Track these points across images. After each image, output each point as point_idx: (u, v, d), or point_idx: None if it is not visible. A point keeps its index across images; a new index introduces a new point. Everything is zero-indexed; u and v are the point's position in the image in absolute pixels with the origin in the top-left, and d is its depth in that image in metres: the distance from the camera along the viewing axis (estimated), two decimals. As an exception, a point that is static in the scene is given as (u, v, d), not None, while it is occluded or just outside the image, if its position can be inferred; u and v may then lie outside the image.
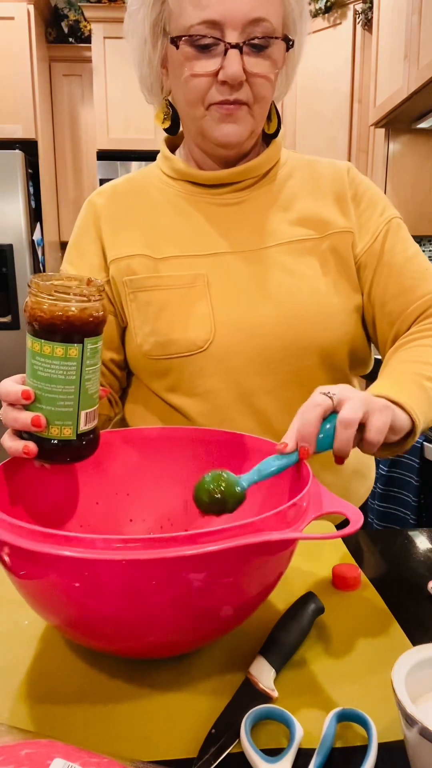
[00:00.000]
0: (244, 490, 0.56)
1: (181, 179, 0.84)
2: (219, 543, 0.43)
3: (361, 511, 0.52)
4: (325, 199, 0.84)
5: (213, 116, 0.75)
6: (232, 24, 0.69)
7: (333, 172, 0.86)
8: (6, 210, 2.92)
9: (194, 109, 0.76)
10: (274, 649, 0.52)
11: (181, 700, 0.49)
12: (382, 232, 0.84)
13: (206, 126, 0.76)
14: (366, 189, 0.86)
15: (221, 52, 0.71)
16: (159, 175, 0.87)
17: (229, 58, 0.70)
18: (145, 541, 0.42)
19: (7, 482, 0.58)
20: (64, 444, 0.56)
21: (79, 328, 0.53)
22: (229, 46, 0.70)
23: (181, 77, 0.74)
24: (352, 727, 0.46)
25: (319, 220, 0.83)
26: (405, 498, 1.67)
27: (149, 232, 0.82)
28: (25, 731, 0.44)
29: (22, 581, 0.47)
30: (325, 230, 0.82)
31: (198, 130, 0.78)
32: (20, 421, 0.55)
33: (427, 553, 0.73)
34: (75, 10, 3.28)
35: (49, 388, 0.54)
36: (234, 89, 0.72)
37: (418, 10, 1.93)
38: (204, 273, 0.79)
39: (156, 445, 0.71)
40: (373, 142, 2.64)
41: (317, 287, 0.80)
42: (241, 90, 0.72)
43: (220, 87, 0.72)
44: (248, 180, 0.82)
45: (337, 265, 0.82)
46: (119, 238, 0.83)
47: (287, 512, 0.48)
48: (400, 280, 0.83)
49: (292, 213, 0.83)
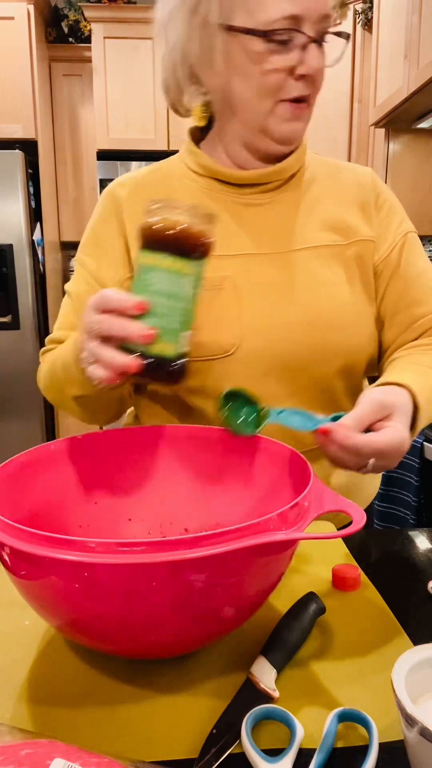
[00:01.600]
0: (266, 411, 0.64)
1: (207, 176, 0.83)
2: (222, 545, 0.43)
3: (364, 510, 0.51)
4: (349, 205, 0.85)
5: (281, 113, 0.75)
6: (310, 18, 0.70)
7: (356, 178, 0.87)
8: (6, 210, 2.92)
9: (263, 103, 0.74)
10: (275, 649, 0.52)
11: (182, 701, 0.49)
12: (399, 243, 0.86)
13: (271, 122, 0.75)
14: (386, 198, 0.88)
15: (298, 46, 0.71)
16: (183, 169, 0.85)
17: (311, 53, 0.71)
18: (149, 545, 0.42)
19: (7, 482, 0.58)
20: (162, 362, 0.57)
21: (197, 247, 0.56)
22: (311, 40, 0.70)
23: (256, 72, 0.72)
24: (353, 727, 0.46)
25: (344, 226, 0.83)
26: (405, 498, 1.67)
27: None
28: (25, 731, 0.44)
29: (22, 582, 0.47)
30: (350, 237, 0.83)
31: (260, 125, 0.76)
32: (130, 330, 0.56)
33: (427, 553, 0.73)
34: (75, 10, 3.28)
35: (161, 302, 0.56)
36: (308, 84, 0.73)
37: (418, 10, 1.93)
38: (231, 275, 0.78)
39: (156, 443, 0.71)
40: (373, 142, 2.64)
41: (342, 295, 0.80)
42: (312, 86, 0.74)
43: (297, 82, 0.72)
44: (276, 181, 0.82)
45: (360, 273, 0.83)
46: None
47: (289, 512, 0.48)
48: (413, 292, 0.85)
49: (317, 217, 0.83)
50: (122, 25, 2.99)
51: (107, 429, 0.72)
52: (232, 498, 0.68)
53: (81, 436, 0.68)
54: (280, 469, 0.64)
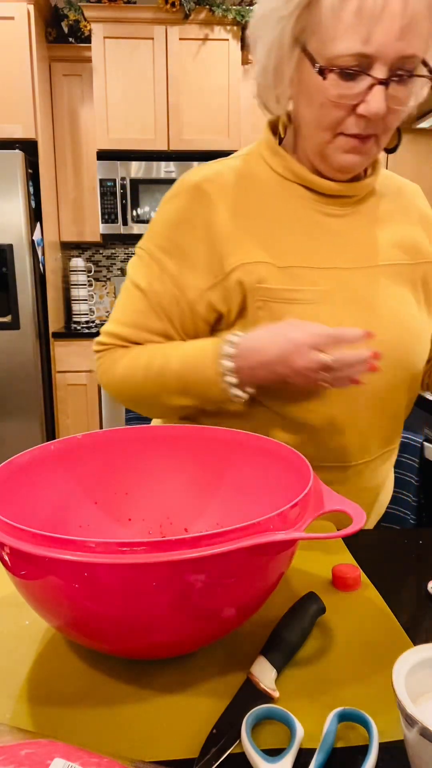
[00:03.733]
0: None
1: (294, 181, 0.80)
2: (222, 545, 0.43)
3: (363, 510, 0.51)
4: (414, 223, 0.85)
5: (339, 144, 0.73)
6: (384, 59, 0.65)
7: (415, 196, 0.88)
8: (6, 210, 2.92)
9: (322, 134, 0.73)
10: (275, 649, 0.52)
11: (182, 700, 0.49)
12: None
13: (329, 152, 0.74)
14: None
15: (366, 85, 0.67)
16: (265, 169, 0.81)
17: (375, 94, 0.67)
18: (149, 545, 0.42)
19: (7, 482, 0.58)
20: None
21: None
22: (378, 82, 0.66)
23: (317, 101, 0.70)
24: (353, 727, 0.46)
25: (412, 245, 0.83)
26: (405, 498, 1.66)
27: (266, 236, 0.78)
28: (25, 731, 0.44)
29: (22, 582, 0.47)
30: (417, 257, 0.83)
31: (319, 152, 0.75)
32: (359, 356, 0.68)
33: (427, 553, 0.73)
34: (75, 10, 3.27)
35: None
36: (370, 124, 0.70)
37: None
38: (327, 289, 0.77)
39: (155, 443, 0.71)
40: (373, 142, 2.64)
41: (415, 314, 0.81)
42: (376, 126, 0.71)
43: (358, 120, 0.69)
44: (357, 195, 0.81)
45: (425, 294, 0.84)
46: (242, 240, 0.78)
47: (289, 512, 0.48)
48: None
49: (388, 234, 0.83)
50: (122, 25, 2.99)
51: (107, 429, 0.72)
52: (232, 498, 0.68)
53: (81, 436, 0.68)
54: (280, 469, 0.64)
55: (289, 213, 0.80)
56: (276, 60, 0.72)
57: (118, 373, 0.82)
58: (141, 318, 0.82)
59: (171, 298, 0.80)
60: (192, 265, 0.79)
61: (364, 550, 0.73)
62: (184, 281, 0.79)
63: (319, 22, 0.66)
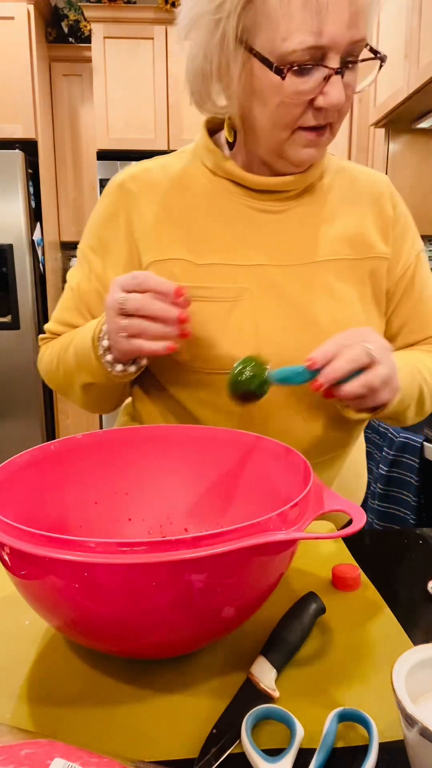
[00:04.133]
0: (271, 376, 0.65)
1: (225, 177, 0.79)
2: (222, 545, 0.43)
3: (363, 510, 0.51)
4: (366, 217, 0.82)
5: (298, 140, 0.71)
6: (336, 49, 0.64)
7: (373, 187, 0.84)
8: (6, 210, 2.92)
9: (280, 133, 0.70)
10: (275, 649, 0.52)
11: (182, 701, 0.49)
12: (413, 264, 0.85)
13: (288, 148, 0.72)
14: (402, 212, 0.86)
15: (321, 77, 0.65)
16: (199, 167, 0.80)
17: (333, 85, 0.65)
18: (149, 545, 0.42)
19: (7, 482, 0.58)
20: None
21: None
22: (334, 72, 0.65)
23: (272, 102, 0.67)
24: (353, 727, 0.46)
25: (360, 240, 0.81)
26: (405, 498, 1.66)
27: (189, 234, 0.77)
28: (25, 731, 0.44)
29: (22, 582, 0.47)
30: (365, 252, 0.81)
31: (276, 150, 0.73)
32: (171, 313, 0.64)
33: (427, 553, 0.73)
34: (75, 10, 3.28)
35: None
36: (328, 114, 0.69)
37: (418, 10, 1.93)
38: (248, 286, 0.76)
39: (155, 443, 0.71)
40: (373, 142, 2.64)
41: (356, 313, 0.79)
42: (334, 114, 0.70)
43: (316, 113, 0.68)
44: (295, 190, 0.79)
45: (372, 290, 0.82)
46: (161, 237, 0.77)
47: (289, 512, 0.48)
48: (422, 316, 0.86)
49: (334, 229, 0.80)
50: (122, 25, 2.99)
51: (107, 429, 0.72)
52: (232, 498, 0.68)
53: (81, 436, 0.68)
54: (280, 469, 0.64)
55: (218, 210, 0.78)
56: (218, 62, 0.69)
57: (43, 363, 0.87)
58: (67, 315, 0.84)
59: (96, 296, 0.82)
60: (115, 263, 0.80)
61: (364, 550, 0.73)
62: (107, 279, 0.80)
63: (265, 19, 0.63)
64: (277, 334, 0.75)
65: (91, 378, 0.76)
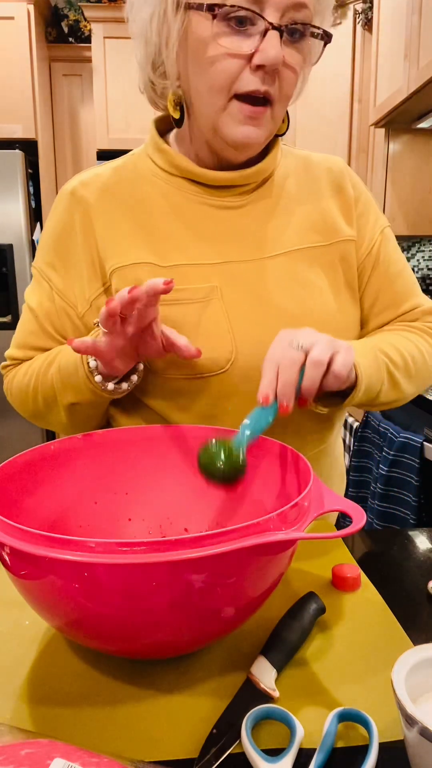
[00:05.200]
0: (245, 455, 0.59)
1: (179, 176, 0.77)
2: (222, 545, 0.43)
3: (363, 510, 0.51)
4: (327, 201, 0.81)
5: (234, 113, 0.67)
6: (274, 3, 0.62)
7: (330, 170, 0.83)
8: (6, 210, 2.92)
9: (216, 97, 0.67)
10: (275, 649, 0.52)
11: (182, 701, 0.49)
12: (378, 240, 0.84)
13: (223, 122, 0.68)
14: (361, 191, 0.85)
15: (259, 33, 0.63)
16: (150, 167, 0.78)
17: (269, 40, 0.62)
18: (149, 545, 0.42)
19: (7, 482, 0.58)
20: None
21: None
22: (271, 27, 0.62)
23: (206, 57, 0.65)
24: (353, 727, 0.46)
25: (324, 225, 0.80)
26: (405, 498, 1.66)
27: (150, 236, 0.75)
28: (25, 731, 0.44)
29: (22, 582, 0.47)
30: (332, 237, 0.79)
31: (212, 124, 0.69)
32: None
33: (427, 553, 0.73)
34: (75, 10, 3.28)
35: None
36: (267, 78, 0.65)
37: (418, 10, 1.93)
38: (217, 285, 0.74)
39: (155, 443, 0.71)
40: (373, 142, 2.64)
41: (328, 300, 0.78)
42: (273, 83, 0.66)
43: (253, 73, 0.65)
44: (252, 184, 0.77)
45: (344, 275, 0.80)
46: (121, 242, 0.75)
47: (289, 512, 0.48)
48: (393, 291, 0.84)
49: (296, 218, 0.79)
50: (122, 25, 2.98)
51: (107, 429, 0.72)
52: (232, 498, 0.68)
53: (81, 436, 0.68)
54: (280, 469, 0.64)
55: (176, 210, 0.76)
56: (158, 38, 0.69)
57: (14, 389, 0.82)
58: (32, 339, 0.80)
59: (63, 315, 0.78)
60: (78, 276, 0.77)
61: (364, 550, 0.73)
62: (72, 294, 0.77)
63: None
64: (252, 331, 0.73)
65: (77, 397, 0.73)
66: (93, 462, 0.68)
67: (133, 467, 0.70)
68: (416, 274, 2.99)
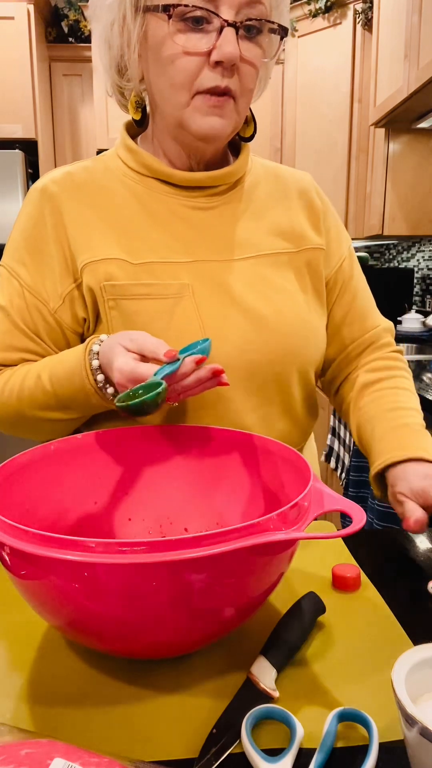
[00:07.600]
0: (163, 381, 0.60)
1: (150, 176, 0.78)
2: (222, 545, 0.43)
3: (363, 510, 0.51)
4: (296, 210, 0.83)
5: (198, 107, 0.69)
6: (228, 1, 0.64)
7: (299, 183, 0.86)
8: (6, 210, 2.92)
9: (178, 94, 0.69)
10: (275, 649, 0.52)
11: (182, 700, 0.49)
12: (347, 256, 0.87)
13: (188, 116, 0.70)
14: (328, 206, 0.88)
15: (215, 30, 0.65)
16: (121, 167, 0.79)
17: (225, 37, 0.65)
18: (149, 545, 0.42)
19: (7, 482, 0.58)
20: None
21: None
22: (226, 24, 0.65)
23: (166, 56, 0.67)
24: (353, 727, 0.46)
25: (293, 232, 0.82)
26: (405, 498, 1.66)
27: (121, 233, 0.76)
28: (25, 731, 0.44)
29: (22, 582, 0.47)
30: (300, 244, 0.82)
31: (177, 120, 0.71)
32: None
33: (427, 553, 0.73)
34: (75, 10, 3.27)
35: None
36: (226, 74, 0.67)
37: (418, 10, 1.94)
38: (188, 282, 0.74)
39: (155, 443, 0.71)
40: (373, 142, 2.64)
41: (298, 303, 0.79)
42: (232, 78, 0.68)
43: (212, 70, 0.67)
44: (223, 186, 0.79)
45: (312, 281, 0.83)
46: (92, 237, 0.75)
47: (289, 512, 0.48)
48: (359, 307, 0.87)
49: (266, 223, 0.81)
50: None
51: (107, 429, 0.72)
52: (232, 498, 0.68)
53: (81, 436, 0.68)
54: (280, 469, 0.64)
55: (148, 209, 0.77)
56: (120, 41, 0.71)
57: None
58: (7, 338, 0.78)
59: (35, 311, 0.77)
60: (50, 272, 0.76)
61: (364, 550, 0.73)
62: (44, 290, 0.76)
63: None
64: (223, 328, 0.74)
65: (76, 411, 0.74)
66: (93, 462, 0.68)
67: (133, 467, 0.70)
68: (416, 274, 2.99)
